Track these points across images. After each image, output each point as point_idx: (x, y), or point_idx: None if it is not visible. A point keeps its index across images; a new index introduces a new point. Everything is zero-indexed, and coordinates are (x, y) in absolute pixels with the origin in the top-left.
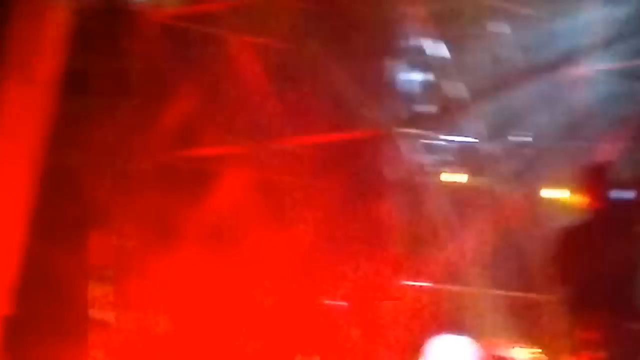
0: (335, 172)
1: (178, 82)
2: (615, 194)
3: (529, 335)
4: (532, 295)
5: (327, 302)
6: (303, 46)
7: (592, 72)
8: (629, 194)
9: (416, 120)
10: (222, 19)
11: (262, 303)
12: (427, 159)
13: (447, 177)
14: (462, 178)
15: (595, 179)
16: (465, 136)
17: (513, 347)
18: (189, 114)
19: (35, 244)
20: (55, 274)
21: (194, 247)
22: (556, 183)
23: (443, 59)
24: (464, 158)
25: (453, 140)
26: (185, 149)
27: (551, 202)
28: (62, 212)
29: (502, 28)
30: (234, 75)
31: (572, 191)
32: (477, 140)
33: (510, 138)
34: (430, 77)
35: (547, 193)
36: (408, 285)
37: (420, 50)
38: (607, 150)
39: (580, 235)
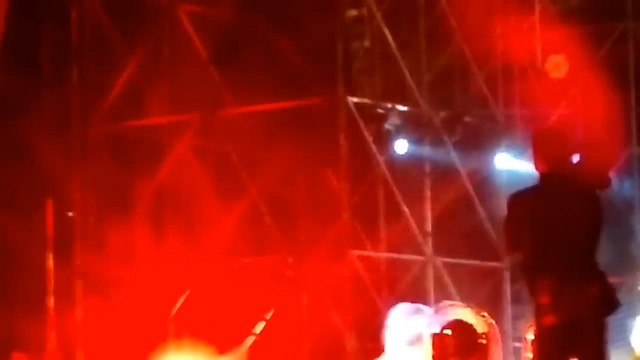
0: (281, 141)
1: (123, 52)
2: (564, 158)
3: (484, 301)
4: (488, 263)
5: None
6: (247, 15)
7: None
8: (578, 158)
9: (362, 88)
10: None
11: (212, 269)
12: (374, 127)
13: (396, 145)
14: (411, 147)
15: (543, 143)
16: (414, 105)
17: (469, 313)
18: (136, 83)
19: None
20: (9, 244)
21: (144, 215)
22: (508, 150)
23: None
24: (413, 127)
25: (400, 109)
26: (131, 119)
27: (505, 170)
28: (12, 183)
29: None
30: (179, 45)
31: (524, 158)
32: (425, 109)
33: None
34: (374, 46)
35: (501, 160)
36: (360, 255)
37: (364, 21)
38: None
39: (531, 201)
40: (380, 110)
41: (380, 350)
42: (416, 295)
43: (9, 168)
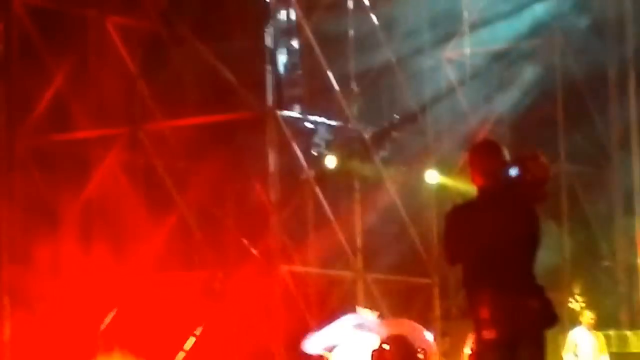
0: (210, 155)
1: (50, 64)
2: (501, 171)
3: (414, 317)
4: (418, 279)
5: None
6: (174, 28)
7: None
8: (515, 171)
9: (290, 102)
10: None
11: (141, 284)
12: (303, 142)
13: (325, 161)
14: (340, 162)
15: (479, 157)
16: (341, 119)
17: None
18: (63, 96)
19: None
20: None
21: (71, 231)
22: (440, 165)
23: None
24: (342, 141)
25: (329, 124)
26: (59, 132)
27: (435, 185)
28: None
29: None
30: (106, 58)
31: (457, 173)
32: (353, 124)
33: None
34: (304, 60)
35: (430, 176)
36: (290, 270)
37: (293, 32)
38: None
39: (469, 214)
40: (309, 125)
41: None
42: (346, 310)
43: None
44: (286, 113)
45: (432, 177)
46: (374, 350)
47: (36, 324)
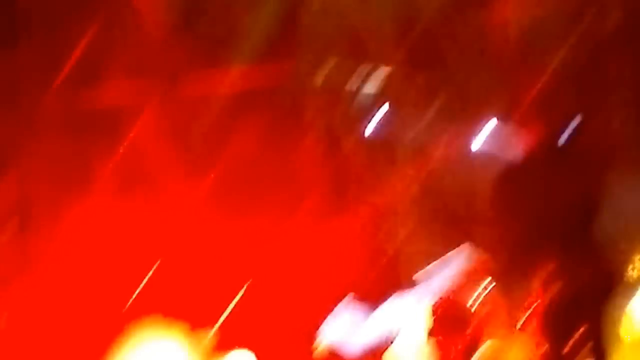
0: (249, 115)
1: (79, 16)
2: (557, 124)
3: None
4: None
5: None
6: None
7: None
8: (572, 124)
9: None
10: None
11: (177, 249)
12: (344, 106)
13: (366, 123)
14: (381, 124)
15: (535, 109)
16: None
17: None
18: (93, 52)
19: None
20: None
21: (105, 190)
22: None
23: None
24: (384, 102)
25: (371, 85)
26: (91, 87)
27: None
28: None
29: None
30: (140, 11)
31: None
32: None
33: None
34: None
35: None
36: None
37: None
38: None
39: (526, 171)
40: (348, 90)
41: None
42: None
43: None
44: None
45: (478, 137)
46: (427, 311)
47: (70, 292)
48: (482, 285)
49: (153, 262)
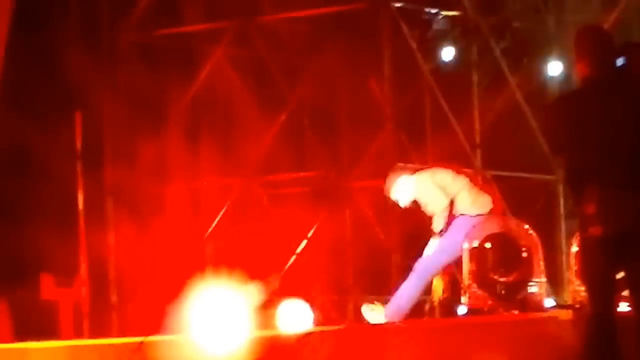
0: (322, 49)
1: None
2: (610, 60)
3: (536, 216)
4: (540, 176)
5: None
6: None
7: None
8: (621, 61)
9: None
10: None
11: (250, 185)
12: (420, 34)
13: (442, 53)
14: (458, 54)
15: (586, 45)
16: (461, 10)
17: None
18: None
19: (15, 125)
20: (36, 160)
21: (178, 128)
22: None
23: None
24: (460, 33)
25: (446, 15)
26: (165, 26)
27: (558, 77)
28: (40, 96)
29: None
30: None
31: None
32: (472, 14)
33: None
34: None
35: (553, 67)
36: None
37: None
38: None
39: (572, 104)
40: (425, 16)
41: None
42: None
43: (36, 80)
44: (400, 3)
45: (555, 68)
46: (473, 249)
47: (141, 227)
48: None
49: (221, 205)
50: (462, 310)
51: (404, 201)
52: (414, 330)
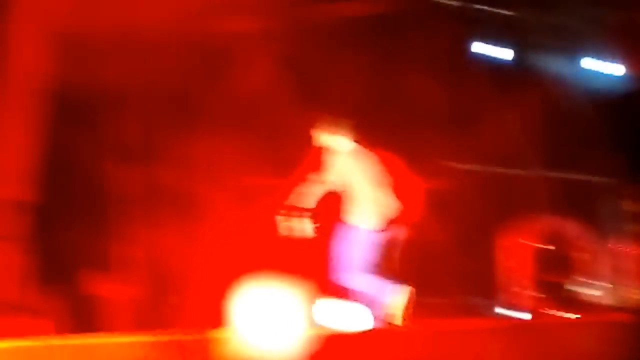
0: (364, 46)
1: None
2: None
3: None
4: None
5: None
6: None
7: None
8: None
9: None
10: None
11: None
12: (468, 31)
13: (490, 52)
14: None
15: None
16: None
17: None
18: None
19: (57, 129)
20: (78, 159)
21: (221, 126)
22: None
23: None
24: (500, 29)
25: (486, 10)
26: (204, 25)
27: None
28: (81, 93)
29: None
30: None
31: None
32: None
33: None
34: None
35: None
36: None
37: None
38: None
39: None
40: (465, 12)
41: None
42: (519, 211)
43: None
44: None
45: (609, 67)
46: (530, 248)
47: (193, 223)
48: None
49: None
50: (512, 311)
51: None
52: (462, 332)
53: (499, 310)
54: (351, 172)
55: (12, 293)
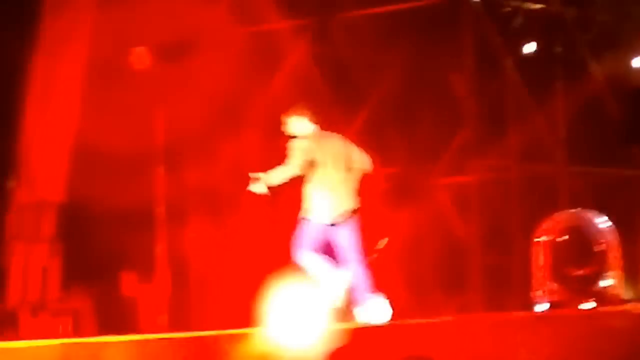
0: (403, 44)
1: None
2: None
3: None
4: (625, 171)
5: None
6: None
7: None
8: None
9: None
10: None
11: None
12: (502, 27)
13: (525, 46)
14: (541, 47)
15: None
16: (544, 2)
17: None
18: None
19: (96, 125)
20: (118, 157)
21: (259, 125)
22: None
23: None
24: (543, 26)
25: (529, 7)
26: (246, 23)
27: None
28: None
29: None
30: None
31: None
32: (555, 6)
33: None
34: None
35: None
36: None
37: None
38: None
39: None
40: (507, 9)
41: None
42: (547, 205)
43: (119, 76)
44: None
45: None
46: (548, 242)
47: (220, 225)
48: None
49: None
50: (538, 304)
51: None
52: (485, 324)
53: (529, 303)
54: (312, 157)
55: (50, 294)
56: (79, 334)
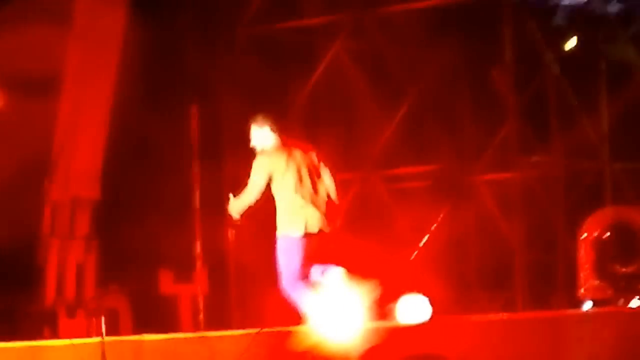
0: (443, 40)
1: None
2: None
3: None
4: None
5: None
6: None
7: None
8: None
9: None
10: None
11: (370, 178)
12: (543, 23)
13: (567, 42)
14: (583, 43)
15: None
16: None
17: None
18: None
19: (134, 120)
20: (154, 152)
21: (297, 121)
22: None
23: None
24: (585, 21)
25: (570, 3)
26: (283, 19)
27: None
28: (158, 88)
29: None
30: None
31: None
32: (597, 1)
33: None
34: None
35: None
36: (531, 160)
37: None
38: None
39: None
40: (548, 4)
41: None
42: (591, 202)
43: (154, 75)
44: None
45: None
46: (593, 239)
47: (259, 222)
48: None
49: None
50: (583, 301)
51: None
52: (529, 322)
53: (573, 301)
54: (273, 171)
55: (86, 292)
56: (116, 333)
